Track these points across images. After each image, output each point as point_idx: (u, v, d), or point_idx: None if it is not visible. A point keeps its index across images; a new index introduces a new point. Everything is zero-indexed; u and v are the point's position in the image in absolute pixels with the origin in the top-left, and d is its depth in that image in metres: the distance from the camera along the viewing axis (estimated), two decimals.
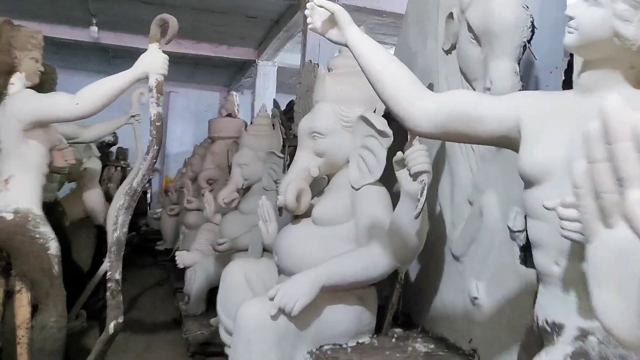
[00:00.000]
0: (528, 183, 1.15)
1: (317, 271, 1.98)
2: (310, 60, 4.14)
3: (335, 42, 1.46)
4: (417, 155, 1.71)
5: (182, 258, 4.00)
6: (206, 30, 7.36)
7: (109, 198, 4.53)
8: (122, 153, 6.24)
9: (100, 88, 2.09)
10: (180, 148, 11.14)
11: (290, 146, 4.11)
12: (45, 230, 2.28)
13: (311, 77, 4.07)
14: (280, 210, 2.63)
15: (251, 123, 4.36)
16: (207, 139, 6.42)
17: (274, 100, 5.03)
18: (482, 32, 1.92)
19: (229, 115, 6.11)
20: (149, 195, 10.45)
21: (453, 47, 2.16)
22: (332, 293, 2.06)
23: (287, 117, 4.57)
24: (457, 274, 2.14)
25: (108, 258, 2.02)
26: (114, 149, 5.33)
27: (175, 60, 8.84)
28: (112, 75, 2.12)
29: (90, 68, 8.99)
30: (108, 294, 2.00)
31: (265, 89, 8.09)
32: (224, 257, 3.91)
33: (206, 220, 4.61)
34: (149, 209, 10.07)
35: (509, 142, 1.25)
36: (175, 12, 2.15)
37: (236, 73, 9.98)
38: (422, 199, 1.73)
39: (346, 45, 1.44)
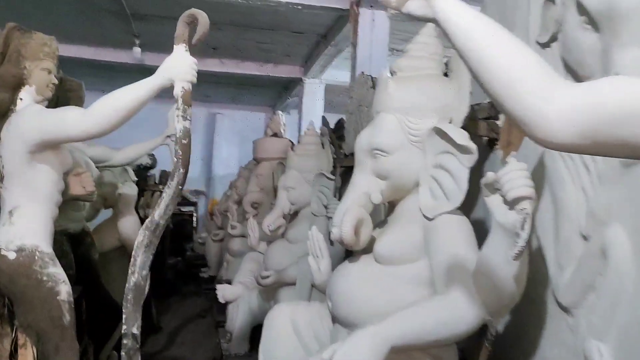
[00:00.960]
0: None
1: (384, 327, 1.53)
2: (363, 72, 3.74)
3: (419, 18, 1.02)
4: (516, 176, 1.30)
5: (223, 292, 3.63)
6: (250, 48, 7.09)
7: None
8: (165, 176, 6.00)
9: (116, 100, 1.73)
10: (226, 170, 10.92)
11: (341, 167, 3.72)
12: (55, 272, 1.91)
13: (364, 89, 3.68)
14: (330, 241, 2.22)
15: (298, 142, 3.97)
16: (252, 161, 6.14)
17: (323, 117, 4.66)
18: (601, 13, 1.45)
19: (275, 135, 5.78)
20: (194, 218, 10.26)
21: (553, 38, 1.70)
22: (402, 354, 1.60)
23: (336, 136, 4.20)
24: (566, 329, 1.64)
25: (124, 308, 1.63)
26: (154, 171, 5.04)
27: (220, 81, 8.66)
28: (132, 84, 1.76)
29: None
30: (123, 353, 1.60)
31: (313, 107, 7.73)
32: (269, 291, 3.52)
33: (251, 249, 4.23)
34: (195, 233, 9.85)
35: None
36: (219, 30, 1.82)
37: (282, 92, 9.70)
38: (524, 234, 1.31)
39: (434, 21, 1.00)
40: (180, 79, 1.73)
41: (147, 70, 1.86)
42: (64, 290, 1.90)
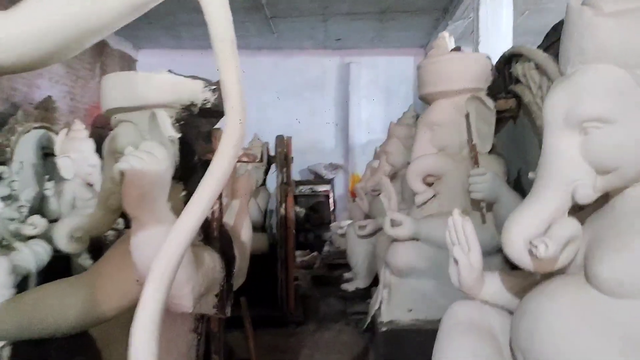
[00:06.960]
0: None
1: None
2: None
3: None
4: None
5: None
6: None
7: None
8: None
9: None
10: (368, 136, 8.59)
11: None
12: None
13: None
14: None
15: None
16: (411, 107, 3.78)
17: None
18: None
19: (457, 49, 3.26)
20: (331, 200, 8.05)
21: None
22: None
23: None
24: None
25: None
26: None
27: (352, 11, 6.27)
28: None
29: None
30: None
31: (496, 23, 5.01)
32: None
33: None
34: (334, 220, 7.67)
35: None
36: None
37: (438, 20, 7.08)
38: None
39: None
40: None
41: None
42: None
